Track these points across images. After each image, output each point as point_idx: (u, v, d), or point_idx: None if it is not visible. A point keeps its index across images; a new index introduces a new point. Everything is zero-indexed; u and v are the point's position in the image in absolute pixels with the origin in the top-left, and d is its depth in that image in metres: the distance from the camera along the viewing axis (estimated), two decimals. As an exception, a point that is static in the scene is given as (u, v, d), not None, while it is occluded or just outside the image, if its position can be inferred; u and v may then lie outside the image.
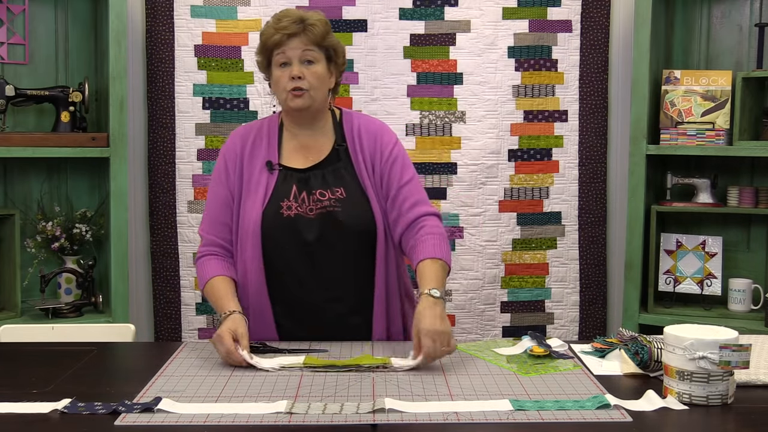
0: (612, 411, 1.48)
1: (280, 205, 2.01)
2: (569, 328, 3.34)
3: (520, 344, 1.90)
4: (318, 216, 2.00)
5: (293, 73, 1.99)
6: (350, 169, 2.06)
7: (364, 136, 2.09)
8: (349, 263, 2.02)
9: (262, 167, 2.06)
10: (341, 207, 2.00)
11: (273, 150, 2.08)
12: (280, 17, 2.03)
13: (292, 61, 2.00)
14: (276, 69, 2.03)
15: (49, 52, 3.13)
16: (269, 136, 2.11)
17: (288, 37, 2.00)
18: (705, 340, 1.49)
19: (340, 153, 2.07)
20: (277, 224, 2.00)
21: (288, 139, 2.10)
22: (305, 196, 2.01)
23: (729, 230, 3.20)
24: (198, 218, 3.24)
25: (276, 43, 2.01)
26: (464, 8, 3.25)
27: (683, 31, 3.24)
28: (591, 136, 3.32)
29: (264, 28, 2.07)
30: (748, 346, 1.50)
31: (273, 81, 2.06)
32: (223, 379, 1.67)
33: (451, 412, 1.46)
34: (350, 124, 2.11)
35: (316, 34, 2.02)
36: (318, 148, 2.09)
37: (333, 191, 2.02)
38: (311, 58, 2.02)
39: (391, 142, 2.10)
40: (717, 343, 1.49)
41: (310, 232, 1.99)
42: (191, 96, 3.22)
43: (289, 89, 2.00)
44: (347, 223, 1.99)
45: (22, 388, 1.60)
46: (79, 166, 3.15)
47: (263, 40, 2.05)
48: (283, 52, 2.01)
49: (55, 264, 3.08)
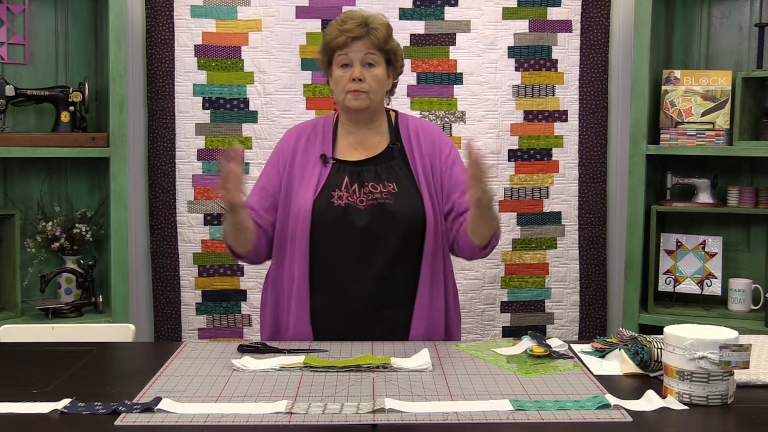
0: (612, 411, 1.48)
1: (331, 194, 2.05)
2: (569, 328, 3.34)
3: (520, 344, 1.90)
4: (369, 207, 2.04)
5: (354, 75, 2.06)
6: (405, 167, 2.12)
7: (421, 136, 2.16)
8: (396, 255, 2.05)
9: (316, 160, 2.12)
10: (393, 200, 2.06)
11: (327, 145, 2.14)
12: (345, 19, 2.09)
13: (354, 63, 2.07)
14: (337, 69, 2.09)
15: (49, 52, 3.13)
16: (324, 132, 2.17)
17: (352, 39, 2.06)
18: (705, 340, 1.49)
19: (395, 151, 2.13)
20: (328, 212, 2.04)
21: (343, 136, 2.16)
22: (357, 188, 2.06)
23: (729, 230, 3.20)
24: (198, 218, 3.24)
25: (339, 45, 2.06)
26: (464, 8, 3.25)
27: (683, 31, 3.24)
28: (591, 136, 3.32)
29: (328, 29, 2.12)
30: (748, 346, 1.50)
31: (333, 80, 2.12)
32: (223, 379, 1.67)
33: (451, 412, 1.46)
34: (405, 125, 2.18)
35: (379, 38, 2.08)
36: (373, 145, 2.14)
37: (385, 185, 2.07)
38: (372, 61, 2.08)
39: (449, 144, 2.19)
40: (717, 343, 1.49)
41: (360, 220, 2.03)
42: (191, 96, 3.22)
43: (349, 90, 2.07)
44: (398, 214, 2.03)
45: (22, 388, 1.59)
46: (79, 166, 3.15)
47: (327, 41, 2.10)
48: (346, 54, 2.07)
49: (55, 264, 3.08)
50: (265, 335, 2.17)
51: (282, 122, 3.23)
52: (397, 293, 2.07)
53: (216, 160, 2.02)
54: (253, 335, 3.26)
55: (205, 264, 3.26)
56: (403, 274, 2.07)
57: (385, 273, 2.04)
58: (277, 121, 3.24)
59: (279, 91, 3.24)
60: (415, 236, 2.06)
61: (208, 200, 3.24)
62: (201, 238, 3.25)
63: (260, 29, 3.23)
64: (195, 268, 3.25)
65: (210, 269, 3.26)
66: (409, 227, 2.05)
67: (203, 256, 3.25)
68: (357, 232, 2.03)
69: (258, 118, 3.24)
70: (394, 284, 2.06)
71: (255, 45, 3.23)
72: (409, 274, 2.07)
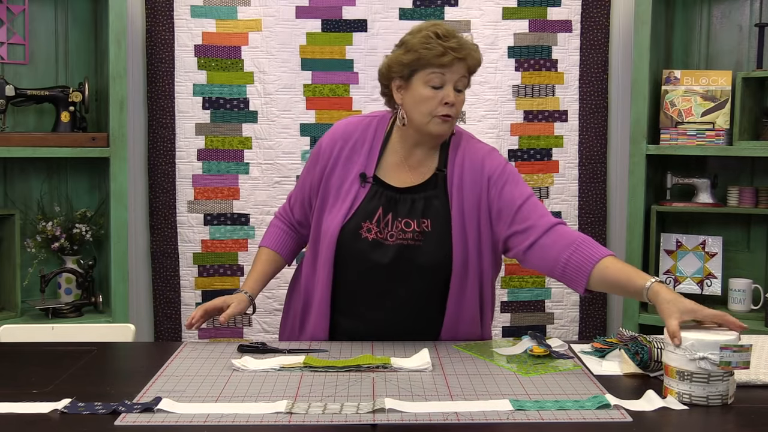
0: (612, 411, 1.48)
1: (360, 225, 1.94)
2: (569, 328, 3.34)
3: (520, 344, 1.90)
4: (397, 245, 1.93)
5: (449, 99, 1.88)
6: (444, 198, 1.96)
7: (467, 163, 1.98)
8: (420, 292, 1.97)
9: (355, 177, 1.98)
10: (423, 242, 1.93)
11: (372, 161, 1.99)
12: (446, 35, 1.89)
13: (447, 85, 1.89)
14: (424, 87, 1.90)
15: (49, 52, 3.13)
16: (373, 142, 2.01)
17: (457, 60, 1.88)
18: (705, 341, 1.49)
19: (438, 179, 1.97)
20: (354, 244, 1.94)
21: (391, 152, 2.00)
22: (389, 221, 1.94)
23: (729, 230, 3.20)
24: (198, 218, 3.24)
25: (442, 63, 1.88)
26: (464, 8, 3.25)
27: (683, 31, 3.24)
28: (591, 136, 3.32)
29: (422, 41, 1.89)
30: (749, 347, 1.50)
31: (414, 97, 1.91)
32: (223, 379, 1.67)
33: (451, 412, 1.46)
34: (456, 148, 2.00)
35: (476, 63, 1.94)
36: (420, 171, 1.99)
37: (419, 223, 1.94)
38: (462, 86, 1.93)
39: (500, 165, 1.99)
40: (717, 343, 1.49)
41: (385, 258, 1.93)
42: (191, 96, 3.22)
43: (439, 114, 1.89)
44: (424, 258, 1.93)
45: (22, 388, 1.59)
46: (79, 166, 3.15)
47: (424, 55, 1.88)
48: (443, 74, 1.89)
49: (55, 264, 3.08)
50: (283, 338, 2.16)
51: (282, 122, 3.23)
52: (420, 326, 2.00)
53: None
54: (253, 335, 3.26)
55: (205, 264, 3.26)
56: (426, 310, 1.99)
57: (407, 307, 1.97)
58: (277, 121, 3.24)
59: (279, 91, 3.24)
60: (440, 278, 1.96)
61: (208, 200, 3.24)
62: (201, 238, 3.25)
63: (260, 29, 3.23)
64: (195, 268, 3.25)
65: (210, 269, 3.26)
66: (435, 272, 1.95)
67: (203, 256, 3.25)
68: (381, 267, 1.93)
69: (258, 118, 3.24)
70: (418, 317, 1.98)
71: (255, 45, 3.23)
72: (434, 309, 1.98)
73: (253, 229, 3.26)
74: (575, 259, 1.86)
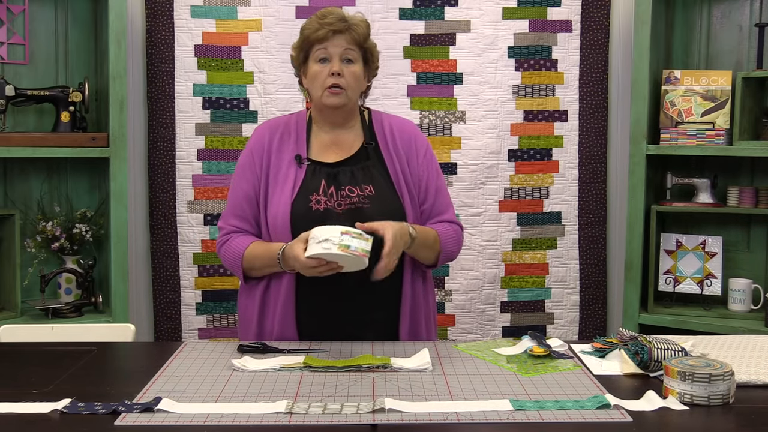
0: (612, 411, 1.48)
1: (309, 199, 2.02)
2: (569, 328, 3.34)
3: (520, 344, 1.90)
4: (346, 211, 2.01)
5: (333, 69, 2.02)
6: (381, 166, 2.09)
7: (397, 134, 2.13)
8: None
9: (291, 161, 2.08)
10: (370, 204, 2.02)
11: (302, 144, 2.10)
12: (325, 14, 2.06)
13: (333, 58, 2.03)
14: (314, 64, 2.05)
15: (49, 52, 3.13)
16: (298, 130, 2.13)
17: (333, 33, 2.02)
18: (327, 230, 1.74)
19: (369, 151, 2.10)
20: (307, 217, 1.99)
21: (317, 135, 2.13)
22: (333, 191, 2.03)
23: (729, 230, 3.20)
24: (198, 218, 3.24)
25: (319, 38, 2.03)
26: (464, 8, 3.25)
27: (683, 31, 3.24)
28: (591, 136, 3.32)
29: (307, 23, 2.08)
30: (369, 237, 1.77)
31: (309, 76, 2.07)
32: (223, 379, 1.67)
33: (451, 412, 1.46)
34: (380, 123, 2.15)
35: (360, 34, 2.06)
36: (348, 145, 2.11)
37: (362, 188, 2.04)
38: (351, 57, 2.05)
39: (425, 143, 2.16)
40: (339, 229, 1.73)
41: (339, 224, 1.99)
42: (191, 96, 3.22)
43: (327, 86, 2.03)
44: (376, 218, 1.97)
45: (22, 388, 1.59)
46: (79, 166, 3.15)
47: (306, 34, 2.06)
48: (325, 48, 2.03)
49: (55, 264, 3.08)
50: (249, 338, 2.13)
51: (282, 122, 3.23)
52: (382, 296, 2.04)
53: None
54: (253, 335, 3.26)
55: (205, 264, 3.26)
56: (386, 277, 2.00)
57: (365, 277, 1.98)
58: (277, 121, 3.24)
59: (279, 91, 3.24)
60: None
61: (208, 200, 3.24)
62: (201, 238, 3.25)
63: (260, 29, 3.23)
64: (195, 268, 3.25)
65: (210, 269, 3.26)
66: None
67: (203, 256, 3.25)
68: None
69: (258, 118, 3.24)
70: (378, 287, 1.99)
71: (255, 45, 3.23)
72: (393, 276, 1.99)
73: (253, 229, 3.26)
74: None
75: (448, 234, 2.10)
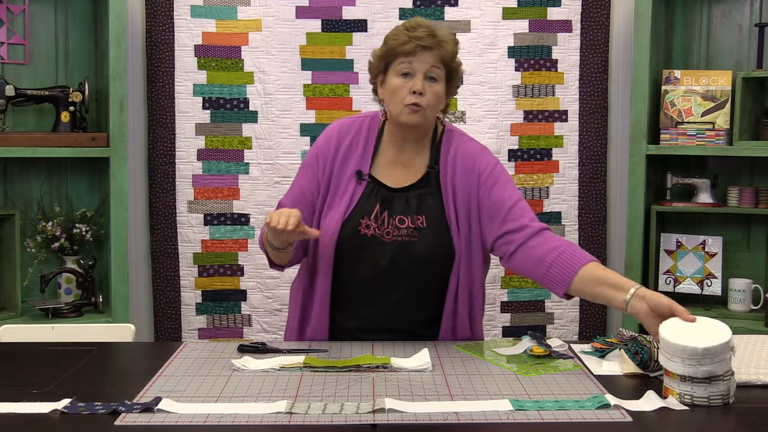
0: (612, 411, 1.48)
1: (359, 222, 1.97)
2: (569, 328, 3.34)
3: (520, 344, 1.90)
4: (394, 242, 1.96)
5: (416, 87, 1.91)
6: (437, 196, 2.00)
7: (459, 160, 2.02)
8: (417, 290, 1.98)
9: (352, 175, 2.02)
10: (419, 237, 1.95)
11: (367, 159, 2.03)
12: (414, 26, 1.95)
13: (416, 74, 1.93)
14: (395, 77, 1.94)
15: (49, 52, 3.13)
16: (366, 141, 2.05)
17: (421, 48, 1.92)
18: (700, 348, 1.48)
19: (431, 177, 2.01)
20: (353, 241, 1.96)
21: (384, 150, 2.04)
22: (386, 218, 1.97)
23: (729, 230, 3.20)
24: (198, 218, 3.24)
25: (406, 51, 1.92)
26: (464, 8, 3.26)
27: (683, 31, 3.24)
28: (591, 136, 3.32)
29: (393, 33, 1.97)
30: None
31: (388, 88, 1.96)
32: (223, 379, 1.67)
33: (451, 412, 1.46)
34: (447, 146, 2.04)
35: (448, 52, 1.96)
36: (413, 168, 2.03)
37: (414, 219, 1.97)
38: (435, 75, 1.94)
39: (490, 163, 2.02)
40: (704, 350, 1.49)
41: (384, 257, 1.95)
42: (191, 96, 3.22)
43: (407, 103, 1.93)
44: (422, 254, 1.94)
45: (22, 388, 1.59)
46: (79, 166, 3.15)
47: (392, 45, 1.95)
48: (410, 63, 1.93)
49: (55, 264, 3.08)
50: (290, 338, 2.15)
51: (282, 122, 3.23)
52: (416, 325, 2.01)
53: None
54: (253, 335, 3.26)
55: (205, 264, 3.26)
56: (423, 308, 2.01)
57: (404, 306, 1.99)
58: (277, 121, 3.24)
59: (279, 91, 3.24)
60: (439, 274, 1.98)
61: (208, 200, 3.24)
62: (201, 238, 3.25)
63: (260, 29, 3.23)
64: (195, 268, 3.25)
65: (210, 269, 3.26)
66: (433, 267, 1.97)
67: (203, 256, 3.25)
68: (380, 264, 1.96)
69: (258, 118, 3.24)
70: (414, 315, 2.00)
71: (255, 45, 3.23)
72: (431, 308, 2.00)
73: (253, 229, 3.26)
74: (560, 262, 1.89)
75: (574, 252, 1.92)
